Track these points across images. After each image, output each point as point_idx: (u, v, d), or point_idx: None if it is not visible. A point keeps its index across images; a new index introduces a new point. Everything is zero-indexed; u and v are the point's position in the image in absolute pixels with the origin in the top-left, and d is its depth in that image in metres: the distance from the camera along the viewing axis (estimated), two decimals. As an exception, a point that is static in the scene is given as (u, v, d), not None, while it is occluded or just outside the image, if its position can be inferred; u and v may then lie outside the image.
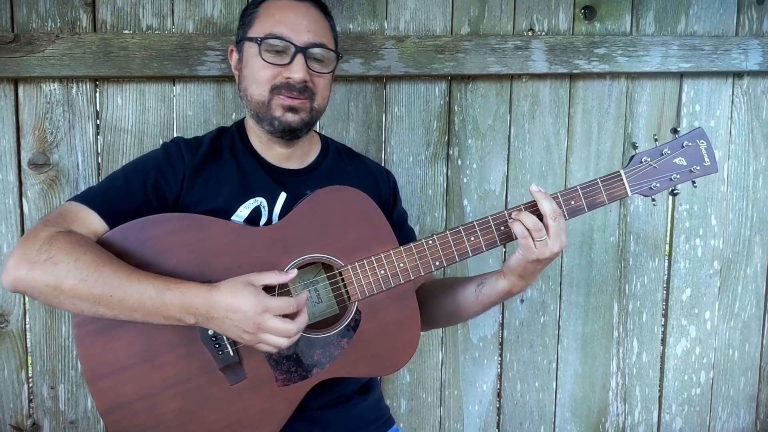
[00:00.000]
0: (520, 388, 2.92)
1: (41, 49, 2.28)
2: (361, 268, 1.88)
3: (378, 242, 1.91)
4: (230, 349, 1.79)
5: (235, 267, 1.78)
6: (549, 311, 2.89)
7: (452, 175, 2.73)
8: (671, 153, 1.89)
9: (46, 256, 1.65)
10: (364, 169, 2.20)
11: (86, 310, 1.69)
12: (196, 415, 1.81)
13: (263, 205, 1.96)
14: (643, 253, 2.95)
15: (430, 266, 1.90)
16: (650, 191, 1.90)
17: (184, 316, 1.69)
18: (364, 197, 1.94)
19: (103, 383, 1.77)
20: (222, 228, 1.84)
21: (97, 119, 2.42)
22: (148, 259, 1.77)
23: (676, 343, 3.05)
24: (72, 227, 1.75)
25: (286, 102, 1.91)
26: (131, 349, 1.77)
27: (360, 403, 2.11)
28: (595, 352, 2.96)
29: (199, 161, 1.96)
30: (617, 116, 2.85)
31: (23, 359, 2.44)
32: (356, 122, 2.61)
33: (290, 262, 1.84)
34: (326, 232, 1.88)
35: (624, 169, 1.90)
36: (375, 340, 1.91)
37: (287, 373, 1.85)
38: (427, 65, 2.59)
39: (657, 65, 2.79)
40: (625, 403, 3.03)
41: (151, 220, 1.81)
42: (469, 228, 1.89)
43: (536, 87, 2.77)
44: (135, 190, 1.87)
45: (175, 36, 2.40)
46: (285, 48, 1.90)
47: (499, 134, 2.76)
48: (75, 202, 1.83)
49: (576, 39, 2.72)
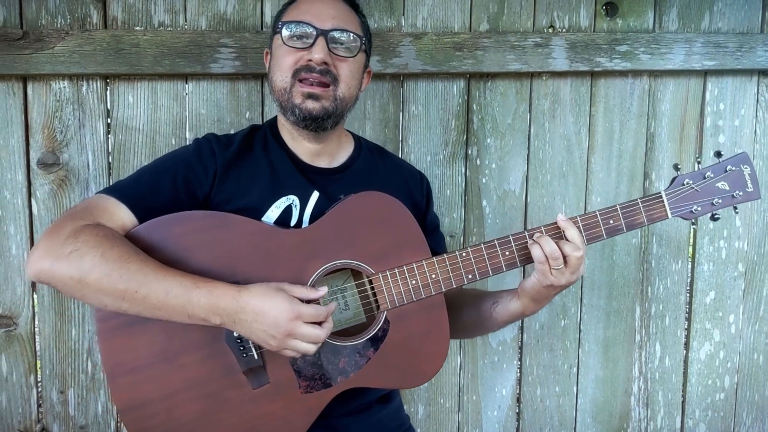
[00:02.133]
0: (540, 393, 2.82)
1: (51, 46, 2.22)
2: (392, 277, 1.84)
3: (410, 250, 1.87)
4: (255, 353, 1.75)
5: (263, 269, 1.75)
6: (570, 314, 2.80)
7: (471, 175, 2.64)
8: (714, 177, 1.86)
9: (71, 248, 1.61)
10: (396, 170, 2.15)
11: (110, 305, 1.65)
12: (215, 418, 1.77)
13: (295, 204, 1.92)
14: (666, 255, 2.85)
15: (462, 279, 1.86)
16: (691, 215, 1.87)
17: (209, 317, 1.64)
18: (398, 204, 1.90)
19: (123, 380, 1.73)
20: (251, 228, 1.80)
21: (107, 118, 2.35)
22: (174, 256, 1.73)
23: (699, 347, 2.94)
24: (100, 220, 1.71)
25: (306, 89, 1.86)
26: (153, 347, 1.73)
27: (380, 411, 2.06)
28: (616, 356, 2.86)
29: (231, 158, 1.92)
30: (639, 115, 2.75)
31: (32, 363, 2.37)
32: (373, 121, 2.53)
33: (319, 266, 1.80)
34: (357, 238, 1.84)
35: (665, 190, 1.87)
36: (402, 351, 1.87)
37: (311, 380, 1.81)
38: (445, 63, 2.51)
39: (680, 63, 2.70)
40: (647, 409, 2.93)
41: (179, 216, 1.77)
42: (504, 242, 1.86)
43: (557, 85, 2.68)
44: (165, 185, 1.83)
45: (187, 33, 2.33)
46: (308, 33, 1.87)
47: (519, 133, 2.67)
48: (104, 195, 1.78)
49: (597, 36, 2.63)
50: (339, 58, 1.89)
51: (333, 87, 1.88)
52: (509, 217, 2.67)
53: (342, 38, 1.89)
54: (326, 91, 1.87)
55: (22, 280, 2.31)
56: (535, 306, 1.92)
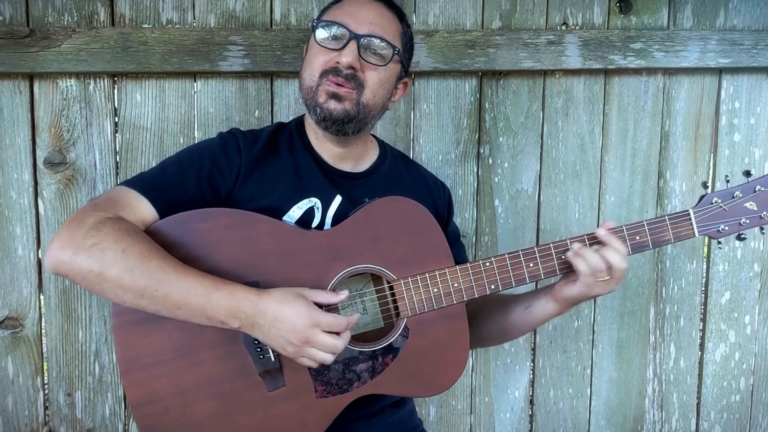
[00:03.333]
0: (553, 395, 2.77)
1: (57, 43, 2.17)
2: (413, 284, 1.81)
3: (433, 258, 1.84)
4: (272, 355, 1.72)
5: (284, 269, 1.73)
6: (583, 315, 2.74)
7: (483, 175, 2.59)
8: (743, 197, 1.83)
9: (92, 241, 1.58)
10: (420, 178, 2.12)
11: (128, 301, 1.61)
12: (228, 418, 1.74)
13: (317, 207, 1.88)
14: (680, 256, 2.79)
15: (485, 289, 1.83)
16: (718, 234, 1.84)
17: (228, 320, 1.61)
18: (423, 210, 1.86)
19: (136, 375, 1.70)
20: (273, 228, 1.77)
21: (115, 116, 2.30)
22: (194, 254, 1.70)
23: (714, 349, 2.88)
24: (122, 214, 1.67)
25: (332, 88, 1.82)
26: (169, 343, 1.70)
27: (392, 416, 2.02)
28: (630, 357, 2.80)
29: (256, 156, 1.88)
30: (654, 113, 2.69)
31: (39, 365, 2.33)
32: (384, 119, 2.46)
33: (341, 269, 1.77)
34: (380, 243, 1.81)
35: (693, 208, 1.85)
36: (421, 360, 1.83)
37: (327, 385, 1.77)
38: (456, 60, 2.45)
39: (695, 61, 2.63)
40: (662, 411, 2.87)
41: (201, 213, 1.74)
42: (529, 254, 1.83)
43: (570, 83, 2.62)
44: (189, 179, 1.79)
45: (196, 30, 2.28)
46: (341, 35, 1.83)
47: (532, 132, 2.61)
48: (126, 188, 1.74)
49: (611, 33, 2.56)
50: (368, 65, 1.84)
51: (357, 92, 1.83)
52: (522, 216, 2.61)
53: (374, 45, 1.84)
54: (350, 92, 1.82)
55: (29, 281, 2.27)
56: (571, 308, 1.91)
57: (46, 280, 2.28)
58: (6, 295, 2.26)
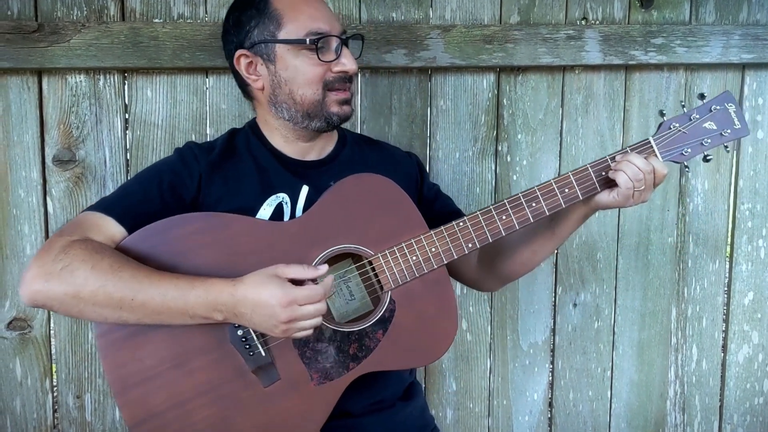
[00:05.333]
0: (572, 397, 2.66)
1: (67, 38, 2.11)
2: (391, 256, 1.76)
3: (408, 228, 1.79)
4: (261, 350, 1.68)
5: (263, 263, 1.64)
6: (603, 316, 2.63)
7: (501, 172, 2.49)
8: (700, 118, 1.80)
9: (62, 265, 1.56)
10: (385, 154, 2.07)
11: (109, 316, 1.59)
12: (230, 421, 1.70)
13: (285, 201, 1.84)
14: (702, 255, 2.68)
15: (462, 249, 1.78)
16: (682, 157, 1.81)
17: (210, 314, 1.59)
18: (390, 183, 1.81)
19: (131, 394, 1.65)
20: (247, 225, 1.74)
21: (125, 113, 2.23)
22: (172, 262, 1.66)
23: (737, 350, 2.76)
24: (88, 235, 1.66)
25: (341, 95, 1.82)
26: (159, 355, 1.66)
27: (403, 410, 1.96)
28: (652, 359, 2.69)
29: (214, 160, 1.85)
30: (676, 110, 2.55)
31: (47, 367, 2.26)
32: (399, 116, 2.39)
33: (319, 254, 1.73)
34: (353, 222, 1.77)
35: (653, 136, 1.80)
36: (411, 330, 1.79)
37: (322, 371, 1.73)
38: (474, 56, 2.36)
39: (717, 56, 2.52)
40: (684, 413, 2.76)
41: (172, 221, 1.70)
42: (500, 207, 1.79)
43: (590, 79, 2.52)
44: (151, 193, 1.76)
45: (208, 25, 2.20)
46: (329, 42, 1.79)
47: (551, 129, 2.51)
48: (89, 212, 1.73)
49: (632, 28, 2.46)
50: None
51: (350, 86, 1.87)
52: (541, 215, 2.50)
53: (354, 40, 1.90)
54: (352, 92, 1.87)
55: None
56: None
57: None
58: (14, 296, 2.20)
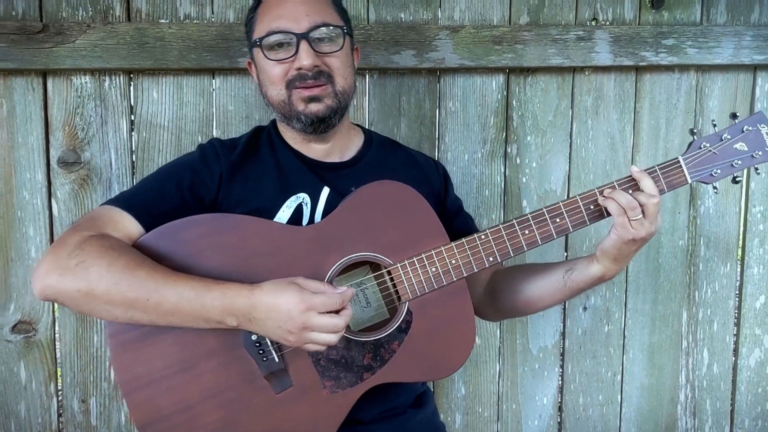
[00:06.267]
0: (582, 402, 2.62)
1: (72, 39, 2.08)
2: (411, 266, 1.71)
3: (428, 238, 1.75)
4: (275, 355, 1.63)
5: (278, 268, 1.63)
6: (613, 319, 2.59)
7: (510, 175, 2.44)
8: (731, 138, 1.76)
9: (77, 260, 1.52)
10: (410, 160, 2.01)
11: (120, 316, 1.55)
12: (238, 427, 1.65)
13: (306, 203, 1.79)
14: (714, 258, 2.63)
15: (483, 262, 1.74)
16: (711, 178, 1.75)
17: (225, 318, 1.55)
18: (411, 191, 1.77)
19: (139, 395, 1.62)
20: (262, 228, 1.69)
21: (131, 114, 2.20)
22: (186, 263, 1.62)
23: (749, 354, 2.72)
24: (105, 231, 1.62)
25: (305, 93, 1.75)
26: (168, 358, 1.62)
27: (414, 417, 1.92)
28: (662, 363, 2.65)
29: (236, 160, 1.81)
30: (686, 112, 2.53)
31: (52, 371, 2.23)
32: (408, 118, 2.35)
33: (336, 261, 1.68)
34: (372, 230, 1.72)
35: (683, 155, 1.75)
36: (428, 342, 1.74)
37: (336, 380, 1.69)
38: (483, 57, 2.32)
39: (729, 57, 2.47)
40: (694, 418, 2.71)
41: (188, 221, 1.66)
42: (523, 221, 1.74)
43: (600, 80, 2.47)
44: (170, 192, 1.73)
45: (214, 26, 2.17)
46: (287, 40, 1.74)
47: (561, 131, 2.47)
48: (107, 206, 1.69)
49: (643, 29, 2.42)
50: (327, 55, 1.76)
51: (331, 85, 1.77)
52: (550, 218, 2.44)
53: (323, 35, 1.75)
54: (325, 89, 1.76)
55: None
56: (617, 266, 1.76)
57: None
58: (18, 299, 2.16)
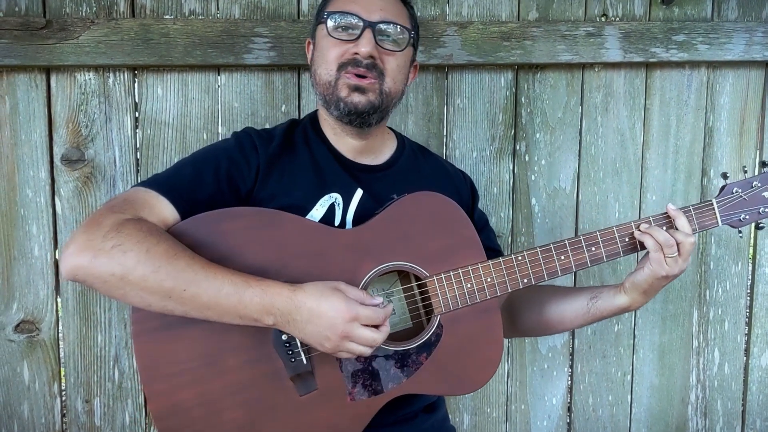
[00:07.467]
0: (592, 402, 2.56)
1: (75, 35, 2.04)
2: (446, 280, 1.71)
3: (465, 253, 1.74)
4: (303, 357, 1.61)
5: (313, 268, 1.62)
6: (623, 319, 2.53)
7: (519, 172, 2.39)
8: (761, 186, 1.83)
9: (113, 243, 1.46)
10: (440, 169, 2.00)
11: (154, 304, 1.50)
12: (258, 427, 1.62)
13: (338, 203, 1.77)
14: (725, 257, 2.57)
15: (518, 283, 1.76)
16: (739, 223, 1.84)
17: (262, 317, 1.51)
18: (453, 204, 1.76)
19: (160, 385, 1.58)
20: (301, 227, 1.67)
21: (135, 111, 2.16)
22: (221, 254, 1.58)
23: (760, 354, 2.66)
24: (141, 214, 1.57)
25: (353, 81, 1.72)
26: (193, 351, 1.59)
27: (426, 421, 1.90)
28: (673, 363, 2.59)
29: (274, 153, 1.77)
30: (697, 108, 2.47)
31: (56, 371, 2.18)
32: (416, 115, 2.30)
33: (372, 268, 1.67)
34: (411, 240, 1.71)
35: (716, 198, 1.83)
36: (455, 356, 1.73)
37: (361, 387, 1.67)
38: (492, 53, 2.26)
39: (740, 53, 2.42)
40: (705, 419, 2.65)
41: (226, 213, 1.63)
42: (560, 246, 1.76)
43: (610, 77, 2.41)
44: (207, 178, 1.68)
45: (219, 22, 2.12)
46: (354, 24, 1.72)
47: (570, 128, 2.41)
48: (143, 188, 1.64)
49: (653, 25, 2.36)
50: (386, 52, 1.75)
51: (379, 81, 1.74)
52: (559, 216, 2.41)
53: (390, 31, 1.74)
54: (372, 83, 1.72)
55: (45, 283, 2.12)
56: (644, 299, 1.80)
57: (63, 282, 2.13)
58: (21, 298, 2.12)
